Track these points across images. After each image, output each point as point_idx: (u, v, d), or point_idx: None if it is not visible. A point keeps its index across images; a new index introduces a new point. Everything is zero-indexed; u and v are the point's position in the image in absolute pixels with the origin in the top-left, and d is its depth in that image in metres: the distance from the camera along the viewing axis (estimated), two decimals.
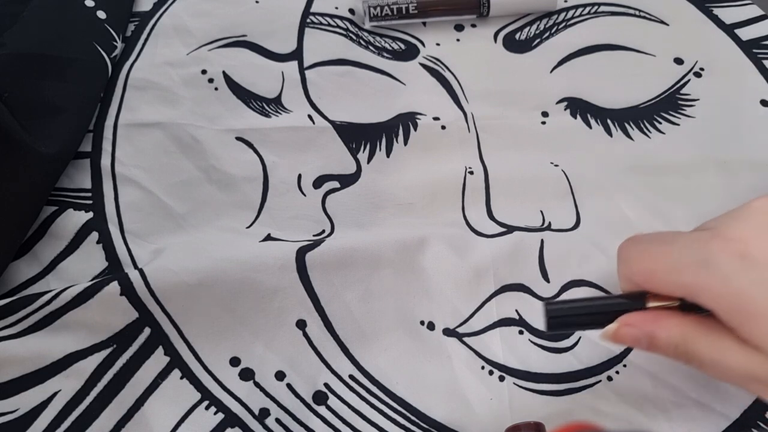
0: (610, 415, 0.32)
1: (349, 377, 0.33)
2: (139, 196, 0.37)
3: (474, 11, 0.47)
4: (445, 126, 0.41)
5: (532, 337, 0.34)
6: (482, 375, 0.33)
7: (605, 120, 0.42)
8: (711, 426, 0.32)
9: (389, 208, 0.38)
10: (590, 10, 0.48)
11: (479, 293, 0.35)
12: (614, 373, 0.33)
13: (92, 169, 0.38)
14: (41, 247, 0.35)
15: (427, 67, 0.45)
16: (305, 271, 0.34)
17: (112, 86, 0.41)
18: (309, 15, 0.47)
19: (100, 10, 0.42)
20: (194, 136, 0.39)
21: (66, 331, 0.31)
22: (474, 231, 0.37)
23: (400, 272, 0.35)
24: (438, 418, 0.32)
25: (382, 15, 0.45)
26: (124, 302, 0.32)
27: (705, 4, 0.49)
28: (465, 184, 0.39)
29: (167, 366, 0.32)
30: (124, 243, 0.36)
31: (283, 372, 0.32)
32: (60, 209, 0.36)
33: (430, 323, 0.34)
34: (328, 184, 0.39)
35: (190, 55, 0.43)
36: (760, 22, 0.48)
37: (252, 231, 0.37)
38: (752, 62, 0.46)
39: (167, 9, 0.46)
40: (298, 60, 0.44)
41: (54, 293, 0.31)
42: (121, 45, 0.43)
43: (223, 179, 0.38)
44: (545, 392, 0.33)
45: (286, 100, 0.42)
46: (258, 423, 0.31)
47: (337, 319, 0.34)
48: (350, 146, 0.40)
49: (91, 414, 0.30)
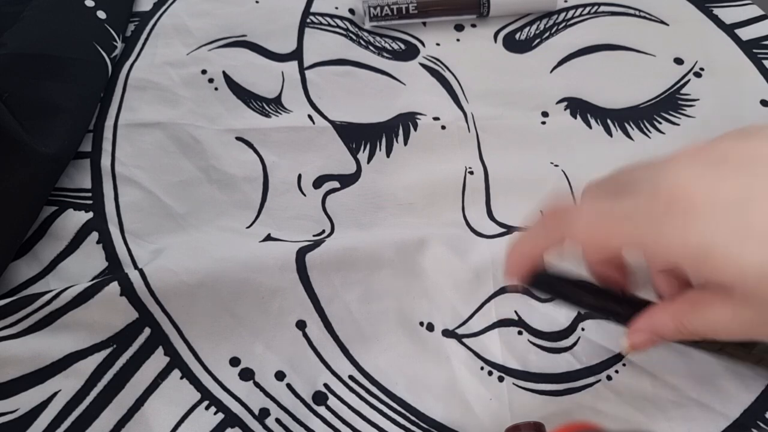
0: (609, 415, 0.32)
1: (348, 378, 0.33)
2: (139, 196, 0.37)
3: (474, 11, 0.47)
4: (445, 126, 0.41)
5: (532, 338, 0.34)
6: (482, 375, 0.33)
7: (605, 120, 0.42)
8: (711, 426, 0.32)
9: (389, 208, 0.38)
10: (590, 10, 0.48)
11: (479, 294, 0.35)
12: (614, 373, 0.33)
13: (92, 169, 0.38)
14: (41, 247, 0.35)
15: (427, 67, 0.45)
16: (305, 271, 0.34)
17: (112, 86, 0.41)
18: (309, 15, 0.47)
19: (100, 10, 0.42)
20: (194, 136, 0.39)
21: (66, 331, 0.31)
22: (474, 231, 0.37)
23: (400, 273, 0.35)
24: (437, 418, 0.32)
25: (382, 15, 0.45)
26: (124, 302, 0.32)
27: (705, 4, 0.49)
28: (465, 184, 0.39)
29: (167, 366, 0.32)
30: (124, 243, 0.36)
31: (283, 372, 0.32)
32: (60, 209, 0.36)
33: (430, 324, 0.34)
34: (328, 184, 0.39)
35: (190, 55, 0.43)
36: (760, 22, 0.48)
37: (252, 231, 0.37)
38: (752, 62, 0.46)
39: (167, 9, 0.46)
40: (298, 60, 0.44)
41: (54, 293, 0.32)
42: (121, 45, 0.43)
43: (223, 179, 0.38)
44: (545, 392, 0.33)
45: (286, 100, 0.42)
46: (258, 423, 0.31)
47: (336, 319, 0.34)
48: (350, 146, 0.40)
49: (91, 414, 0.30)
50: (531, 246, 0.28)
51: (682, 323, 0.25)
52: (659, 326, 0.26)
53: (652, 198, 0.23)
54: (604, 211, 0.24)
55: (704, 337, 0.26)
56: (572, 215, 0.26)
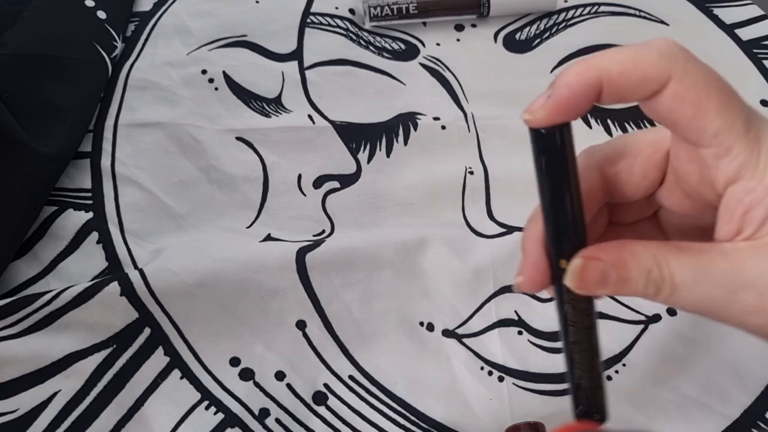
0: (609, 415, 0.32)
1: (348, 378, 0.33)
2: (139, 196, 0.37)
3: (474, 11, 0.47)
4: (445, 126, 0.41)
5: (532, 338, 0.34)
6: (482, 375, 0.33)
7: (605, 120, 0.42)
8: (711, 426, 0.32)
9: (389, 208, 0.38)
10: (590, 10, 0.48)
11: (479, 294, 0.35)
12: (614, 373, 0.33)
13: (92, 169, 0.38)
14: (41, 247, 0.35)
15: (427, 67, 0.45)
16: (305, 271, 0.34)
17: (112, 86, 0.41)
18: (309, 15, 0.47)
19: (100, 10, 0.42)
20: (194, 136, 0.39)
21: (66, 331, 0.31)
22: (474, 231, 0.37)
23: (400, 273, 0.35)
24: (437, 418, 0.32)
25: (382, 15, 0.45)
26: (124, 302, 0.32)
27: (705, 4, 0.49)
28: (465, 184, 0.39)
29: (167, 366, 0.32)
30: (124, 243, 0.36)
31: (283, 372, 0.32)
32: (60, 209, 0.36)
33: (430, 324, 0.34)
34: (328, 184, 0.39)
35: (190, 55, 0.43)
36: (760, 22, 0.48)
37: (252, 231, 0.37)
38: (752, 62, 0.46)
39: (167, 9, 0.46)
40: (298, 60, 0.44)
41: (54, 293, 0.31)
42: (121, 45, 0.43)
43: (223, 179, 0.38)
44: (545, 392, 0.33)
45: (286, 100, 0.42)
46: (258, 423, 0.31)
47: (336, 319, 0.34)
48: (350, 146, 0.40)
49: (91, 414, 0.30)
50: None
51: (658, 262, 0.20)
52: (629, 258, 0.21)
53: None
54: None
55: (670, 297, 0.21)
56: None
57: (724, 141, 0.19)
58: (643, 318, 0.35)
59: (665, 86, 0.19)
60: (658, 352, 0.34)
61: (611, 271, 0.21)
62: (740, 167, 0.19)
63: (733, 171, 0.20)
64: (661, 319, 0.35)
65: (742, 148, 0.19)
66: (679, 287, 0.20)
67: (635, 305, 0.35)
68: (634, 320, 0.35)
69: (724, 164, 0.20)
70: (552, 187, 0.23)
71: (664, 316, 0.35)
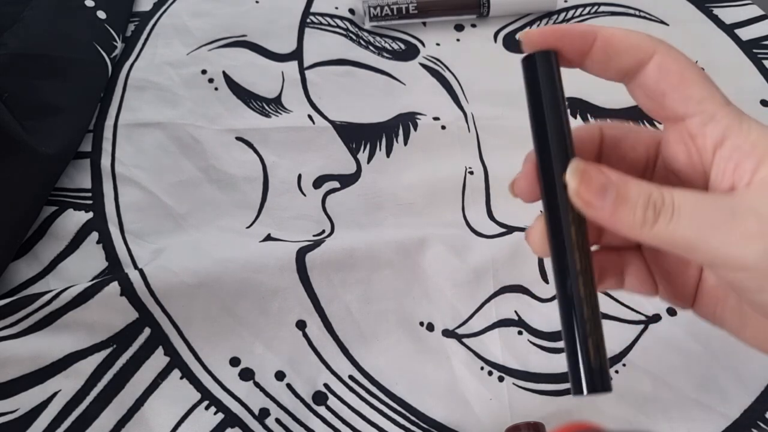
0: (609, 415, 0.32)
1: (348, 378, 0.33)
2: (139, 196, 0.37)
3: (474, 11, 0.47)
4: (445, 126, 0.41)
5: (532, 338, 0.34)
6: (482, 375, 0.33)
7: (605, 120, 0.42)
8: (711, 426, 0.32)
9: (389, 208, 0.38)
10: (590, 10, 0.48)
11: (479, 294, 0.35)
12: (614, 373, 0.33)
13: (92, 169, 0.38)
14: (41, 247, 0.35)
15: (427, 67, 0.45)
16: (305, 271, 0.34)
17: (112, 86, 0.41)
18: (309, 15, 0.47)
19: (100, 10, 0.42)
20: (194, 136, 0.39)
21: (66, 331, 0.31)
22: (474, 231, 0.37)
23: (400, 273, 0.35)
24: (438, 418, 0.32)
25: (382, 15, 0.45)
26: (124, 302, 0.32)
27: (705, 4, 0.49)
28: (465, 184, 0.39)
29: (167, 366, 0.32)
30: (124, 243, 0.35)
31: (283, 372, 0.32)
32: (60, 209, 0.36)
33: (430, 324, 0.34)
34: (328, 184, 0.39)
35: (190, 55, 0.43)
36: (760, 22, 0.48)
37: (252, 231, 0.37)
38: (752, 62, 0.46)
39: (167, 9, 0.46)
40: (298, 60, 0.44)
41: (54, 293, 0.31)
42: (121, 45, 0.43)
43: (223, 179, 0.38)
44: (544, 392, 0.33)
45: (286, 100, 0.42)
46: (258, 423, 0.31)
47: (336, 319, 0.34)
48: (350, 146, 0.40)
49: (91, 414, 0.30)
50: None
51: (660, 190, 0.20)
52: (630, 183, 0.20)
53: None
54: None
55: (654, 229, 0.20)
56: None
57: (708, 107, 0.21)
58: (643, 318, 0.35)
59: (651, 58, 0.21)
60: (658, 352, 0.34)
61: (611, 187, 0.20)
62: (725, 129, 0.21)
63: (719, 134, 0.21)
64: (661, 319, 0.35)
65: (725, 114, 0.21)
66: (679, 211, 0.20)
67: (635, 305, 0.35)
68: (634, 320, 0.35)
69: (710, 129, 0.21)
70: (539, 108, 0.24)
71: (664, 316, 0.35)
